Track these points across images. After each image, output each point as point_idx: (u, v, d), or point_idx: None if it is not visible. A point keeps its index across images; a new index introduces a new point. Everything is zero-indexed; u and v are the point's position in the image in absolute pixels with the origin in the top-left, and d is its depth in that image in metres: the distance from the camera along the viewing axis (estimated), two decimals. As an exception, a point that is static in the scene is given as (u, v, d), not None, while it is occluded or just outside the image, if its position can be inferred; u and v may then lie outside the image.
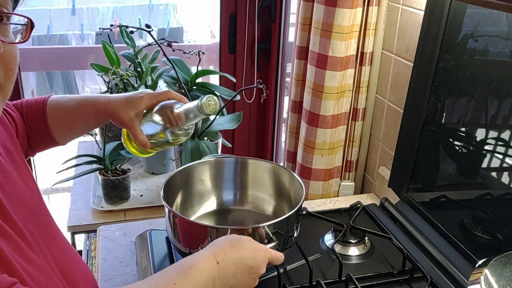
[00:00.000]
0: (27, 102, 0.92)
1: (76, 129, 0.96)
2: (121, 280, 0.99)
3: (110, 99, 0.90)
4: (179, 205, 1.03)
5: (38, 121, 0.91)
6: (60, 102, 0.92)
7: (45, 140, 0.93)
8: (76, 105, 0.92)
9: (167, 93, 0.90)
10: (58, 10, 2.58)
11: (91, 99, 0.91)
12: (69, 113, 0.92)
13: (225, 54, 1.90)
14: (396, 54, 1.23)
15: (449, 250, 1.00)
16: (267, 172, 1.06)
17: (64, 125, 0.93)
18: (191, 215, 1.05)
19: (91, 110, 0.91)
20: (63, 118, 0.92)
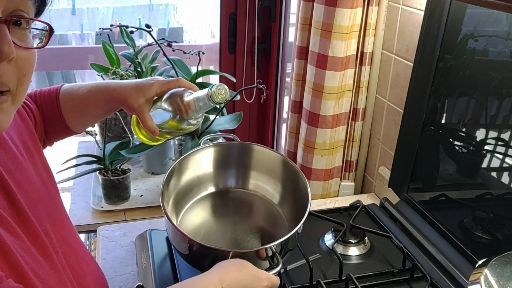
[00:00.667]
0: (41, 92, 0.92)
1: (89, 116, 0.95)
2: (121, 280, 0.99)
3: (120, 85, 0.89)
4: (176, 194, 0.99)
5: (52, 111, 0.90)
6: (72, 91, 0.92)
7: (60, 129, 0.92)
8: (87, 92, 0.91)
9: (177, 81, 0.89)
10: (58, 10, 2.58)
11: (102, 85, 0.91)
12: (81, 101, 0.92)
13: (225, 54, 1.90)
14: (396, 54, 1.23)
15: (449, 250, 1.00)
16: (273, 161, 1.02)
17: (77, 113, 0.93)
18: (190, 200, 1.02)
19: (102, 97, 0.91)
20: (75, 107, 0.92)
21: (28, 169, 0.73)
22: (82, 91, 0.92)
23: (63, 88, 0.93)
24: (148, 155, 1.69)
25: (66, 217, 0.81)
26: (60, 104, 0.91)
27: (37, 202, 0.72)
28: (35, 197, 0.72)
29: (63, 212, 0.81)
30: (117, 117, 1.70)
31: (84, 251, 0.81)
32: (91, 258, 0.83)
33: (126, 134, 1.67)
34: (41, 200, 0.73)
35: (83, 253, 0.80)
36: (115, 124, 1.72)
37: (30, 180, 0.73)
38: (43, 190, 0.75)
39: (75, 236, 0.80)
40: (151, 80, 0.88)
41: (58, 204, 0.80)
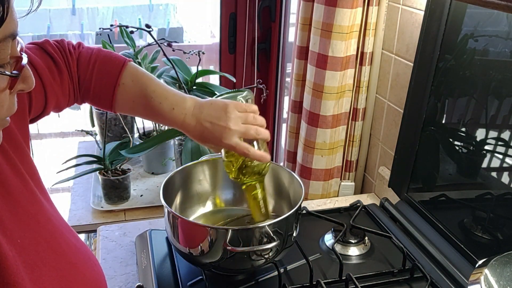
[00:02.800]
0: (99, 54, 0.86)
1: (139, 114, 0.93)
2: (121, 280, 0.99)
3: (184, 122, 0.87)
4: (178, 205, 1.03)
5: (107, 81, 0.85)
6: (137, 88, 0.87)
7: (100, 101, 0.87)
8: (148, 106, 0.87)
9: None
10: (58, 10, 2.57)
11: (163, 109, 0.86)
12: (137, 103, 0.88)
13: (225, 54, 1.90)
14: (396, 54, 1.23)
15: (449, 250, 1.00)
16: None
17: (129, 107, 0.89)
18: (190, 215, 1.05)
19: (161, 121, 0.92)
20: (130, 102, 0.88)
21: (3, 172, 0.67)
22: (144, 100, 0.87)
23: (129, 72, 0.86)
24: (148, 155, 1.69)
25: (52, 221, 0.73)
26: (120, 83, 0.85)
27: (15, 212, 0.66)
28: (12, 205, 0.66)
29: (49, 217, 0.73)
30: (117, 117, 1.70)
31: (77, 249, 0.74)
32: (86, 257, 0.76)
33: (126, 134, 1.67)
34: (21, 207, 0.67)
35: (74, 253, 0.73)
36: (115, 124, 1.72)
37: (6, 186, 0.66)
38: (23, 196, 0.69)
39: (64, 236, 0.73)
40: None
41: (41, 205, 0.72)
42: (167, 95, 0.87)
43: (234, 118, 0.85)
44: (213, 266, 0.89)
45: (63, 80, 0.81)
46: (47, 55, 0.80)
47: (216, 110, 0.86)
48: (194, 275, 0.95)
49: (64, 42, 0.84)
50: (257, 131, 0.87)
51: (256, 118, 0.88)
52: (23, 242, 0.64)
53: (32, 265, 0.64)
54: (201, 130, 0.86)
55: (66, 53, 0.82)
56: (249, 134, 0.86)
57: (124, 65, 0.86)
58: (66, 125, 2.46)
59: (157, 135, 1.60)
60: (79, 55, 0.85)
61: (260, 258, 0.87)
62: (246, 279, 0.95)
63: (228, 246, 0.82)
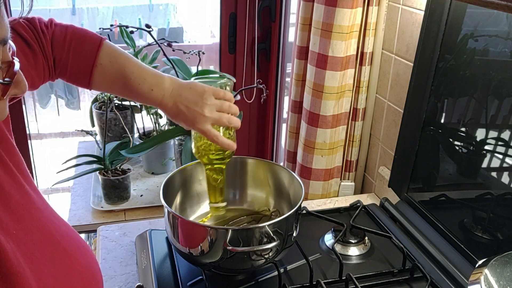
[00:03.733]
0: (74, 33, 0.85)
1: (116, 93, 0.95)
2: (121, 280, 0.99)
3: (161, 102, 0.89)
4: (178, 205, 1.03)
5: (84, 62, 0.85)
6: (112, 64, 0.87)
7: (77, 81, 0.88)
8: (126, 86, 0.88)
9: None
10: (58, 10, 2.57)
11: (142, 90, 0.88)
12: (115, 83, 0.89)
13: (225, 54, 1.90)
14: (396, 54, 1.23)
15: (449, 250, 1.00)
16: (266, 172, 1.06)
17: (107, 87, 0.90)
18: (190, 215, 1.05)
19: (139, 100, 0.93)
20: (108, 82, 0.89)
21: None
22: (121, 74, 0.87)
23: (106, 51, 0.86)
24: (148, 155, 1.69)
25: (41, 208, 0.72)
26: (97, 62, 0.85)
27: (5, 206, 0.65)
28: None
29: (37, 203, 0.72)
30: (117, 117, 1.70)
31: (70, 237, 0.74)
32: (79, 244, 0.75)
33: (126, 134, 1.67)
34: (11, 198, 0.67)
35: (67, 241, 0.73)
36: (115, 124, 1.72)
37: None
38: (13, 185, 0.68)
39: (56, 225, 0.73)
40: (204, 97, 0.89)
41: (30, 196, 0.71)
42: (145, 76, 0.89)
43: (209, 105, 0.88)
44: (213, 266, 0.89)
45: (38, 62, 0.81)
46: (19, 37, 0.79)
47: (193, 95, 0.88)
48: (194, 275, 0.95)
49: (35, 21, 0.83)
50: (229, 119, 0.90)
51: (230, 106, 0.91)
52: (18, 233, 0.64)
53: (30, 256, 0.64)
54: (177, 112, 0.89)
55: (38, 33, 0.81)
56: (222, 122, 0.90)
57: (100, 45, 0.86)
58: (66, 125, 2.46)
59: (157, 135, 1.60)
60: (52, 34, 0.84)
61: (260, 258, 0.87)
62: (246, 279, 0.95)
63: (228, 246, 0.82)
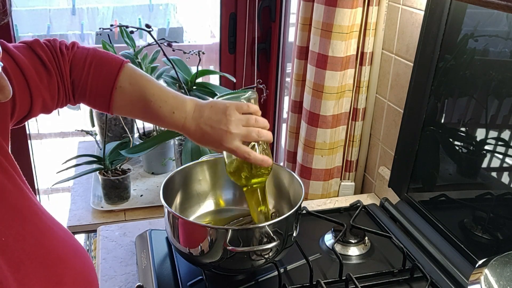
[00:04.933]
0: (95, 55, 0.83)
1: (137, 117, 0.92)
2: (121, 280, 0.99)
3: (184, 126, 0.86)
4: (178, 205, 1.03)
5: (104, 84, 0.83)
6: (133, 92, 0.85)
7: (96, 104, 0.85)
8: (147, 109, 0.85)
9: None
10: (58, 10, 2.58)
11: (163, 113, 0.85)
12: (136, 106, 0.85)
13: (225, 54, 1.90)
14: (396, 54, 1.23)
15: (449, 250, 1.00)
16: None
17: (127, 111, 0.88)
18: (190, 215, 1.05)
19: (161, 124, 0.90)
20: (128, 106, 0.86)
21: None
22: (142, 104, 0.84)
23: (126, 76, 0.83)
24: (148, 155, 1.69)
25: (38, 211, 0.71)
26: (114, 97, 0.83)
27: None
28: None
29: (34, 207, 0.71)
30: (117, 117, 1.70)
31: (65, 242, 0.73)
32: (75, 249, 0.74)
33: (126, 134, 1.67)
34: (5, 201, 0.66)
35: (62, 246, 0.72)
36: (115, 124, 1.72)
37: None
38: (9, 188, 0.68)
39: (51, 230, 0.72)
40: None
41: (28, 199, 0.71)
42: (166, 98, 0.85)
43: (234, 120, 0.84)
44: (213, 266, 0.89)
45: (52, 82, 0.78)
46: (35, 55, 0.77)
47: (216, 113, 0.84)
48: (194, 275, 0.95)
49: (56, 42, 0.81)
50: (259, 133, 0.85)
51: (257, 120, 0.86)
52: (8, 240, 0.63)
53: (18, 263, 0.63)
54: (201, 134, 0.85)
55: (57, 54, 0.80)
56: (251, 137, 0.85)
57: (122, 67, 0.83)
58: (66, 125, 2.46)
59: (157, 135, 1.60)
60: (73, 56, 0.82)
61: (260, 258, 0.87)
62: (246, 279, 0.95)
63: (228, 246, 0.82)
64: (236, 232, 0.84)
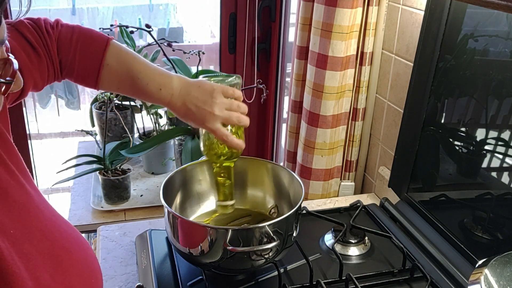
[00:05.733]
0: (80, 33, 0.84)
1: (124, 93, 0.93)
2: (121, 280, 0.99)
3: (170, 102, 0.88)
4: (178, 205, 1.03)
5: (91, 62, 0.84)
6: (120, 66, 0.86)
7: (84, 81, 0.87)
8: (134, 86, 0.87)
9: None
10: (58, 10, 2.57)
11: (150, 89, 0.87)
12: (123, 83, 0.87)
13: (225, 54, 1.90)
14: (396, 54, 1.23)
15: (449, 250, 1.00)
16: (266, 172, 1.06)
17: (114, 87, 0.89)
18: (190, 215, 1.05)
19: (147, 100, 0.91)
20: (115, 83, 0.87)
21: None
22: (128, 75, 0.86)
23: (112, 52, 0.85)
24: (148, 155, 1.69)
25: (40, 206, 0.72)
26: (104, 63, 0.84)
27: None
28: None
29: (36, 201, 0.72)
30: (117, 117, 1.70)
31: (69, 235, 0.74)
32: (78, 241, 0.75)
33: (126, 134, 1.67)
34: (9, 196, 0.67)
35: (66, 239, 0.72)
36: (115, 124, 1.72)
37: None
38: (11, 184, 0.68)
39: (54, 223, 0.73)
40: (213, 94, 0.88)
41: (29, 195, 0.71)
42: (153, 75, 0.87)
43: (219, 103, 0.87)
44: (213, 266, 0.89)
45: (41, 63, 0.80)
46: (22, 37, 0.78)
47: (203, 94, 0.88)
48: (194, 275, 0.95)
49: (41, 21, 0.82)
50: (239, 118, 0.90)
51: (239, 105, 0.90)
52: (16, 232, 0.64)
53: (27, 255, 0.64)
54: (186, 111, 0.89)
55: (43, 34, 0.80)
56: (231, 121, 0.89)
57: (107, 45, 0.85)
58: (66, 125, 2.46)
59: (157, 135, 1.60)
60: (59, 34, 0.83)
61: (260, 258, 0.87)
62: (246, 279, 0.95)
63: (228, 246, 0.82)
64: (236, 232, 0.84)
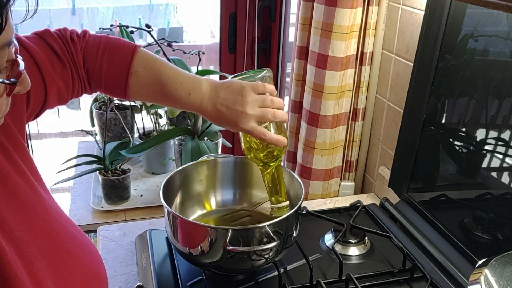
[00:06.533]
0: (107, 43, 0.83)
1: (155, 101, 0.92)
2: (121, 280, 0.99)
3: (201, 107, 0.86)
4: (178, 205, 1.03)
5: (119, 71, 0.83)
6: (147, 76, 0.85)
7: (113, 91, 0.86)
8: (163, 92, 0.85)
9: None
10: (58, 10, 2.57)
11: (180, 95, 0.85)
12: (152, 90, 0.86)
13: (225, 54, 1.90)
14: (396, 54, 1.23)
15: (449, 250, 1.00)
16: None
17: (144, 95, 0.87)
18: (190, 215, 1.05)
19: (178, 106, 0.89)
20: (144, 90, 0.86)
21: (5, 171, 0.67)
22: (157, 87, 0.85)
23: (140, 62, 0.84)
24: (148, 155, 1.69)
25: (50, 217, 0.72)
26: (130, 83, 0.83)
27: (17, 206, 0.66)
28: (14, 201, 0.66)
29: (46, 204, 0.72)
30: (117, 117, 1.70)
31: (75, 238, 0.74)
32: (84, 245, 0.75)
33: (126, 134, 1.67)
34: (18, 198, 0.67)
35: (72, 242, 0.72)
36: (115, 124, 1.72)
37: (8, 183, 0.66)
38: (21, 186, 0.69)
39: (62, 226, 0.73)
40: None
41: (40, 197, 0.71)
42: (182, 80, 0.85)
43: (250, 101, 0.84)
44: (213, 266, 0.89)
45: (65, 71, 0.79)
46: (47, 45, 0.77)
47: (232, 94, 0.85)
48: (194, 275, 0.95)
49: (67, 31, 0.81)
50: (274, 114, 0.86)
51: (273, 100, 0.87)
52: (21, 235, 0.64)
53: (31, 258, 0.64)
54: (218, 114, 0.86)
55: (68, 43, 0.80)
56: (266, 118, 0.86)
57: (135, 52, 0.84)
58: (66, 125, 2.46)
59: (157, 135, 1.60)
60: (85, 44, 0.82)
61: (260, 258, 0.87)
62: (246, 279, 0.95)
63: (228, 246, 0.82)
64: (236, 232, 0.84)
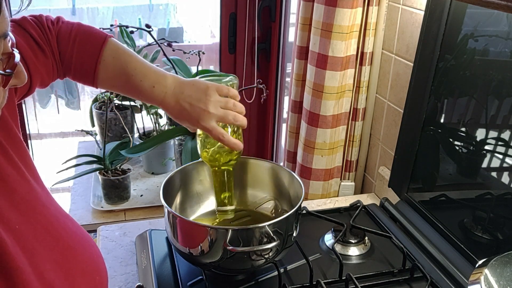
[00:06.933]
0: (79, 30, 0.84)
1: (120, 91, 0.92)
2: (121, 280, 0.99)
3: (163, 101, 0.87)
4: (178, 205, 1.03)
5: (88, 58, 0.84)
6: (116, 65, 0.86)
7: (82, 78, 0.87)
8: (128, 83, 0.86)
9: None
10: (58, 10, 2.57)
11: (144, 87, 0.86)
12: (118, 79, 0.87)
13: (225, 54, 1.90)
14: (396, 54, 1.23)
15: (449, 250, 1.00)
16: (266, 172, 1.06)
17: (110, 84, 0.89)
18: (190, 215, 1.05)
19: (141, 98, 0.90)
20: (111, 79, 0.87)
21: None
22: (124, 78, 0.86)
23: (109, 52, 0.85)
24: (148, 155, 1.69)
25: (47, 211, 0.72)
26: (99, 69, 0.84)
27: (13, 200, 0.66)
28: (17, 195, 0.67)
29: (42, 198, 0.73)
30: (117, 117, 1.70)
31: (73, 232, 0.74)
32: (83, 238, 0.75)
33: (126, 134, 1.67)
34: (16, 193, 0.67)
35: (71, 236, 0.73)
36: (115, 124, 1.72)
37: (2, 172, 0.67)
38: (18, 180, 0.69)
39: (60, 220, 0.73)
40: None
41: (35, 191, 0.72)
42: (147, 72, 0.87)
43: (214, 101, 0.86)
44: (213, 266, 0.89)
45: (46, 58, 0.80)
46: (26, 33, 0.79)
47: (197, 92, 0.86)
48: (194, 275, 0.95)
49: (43, 18, 0.83)
50: (235, 117, 0.88)
51: (235, 104, 0.89)
52: (21, 228, 0.65)
53: (31, 250, 0.64)
54: (180, 110, 0.87)
55: (45, 30, 0.81)
56: (227, 119, 0.87)
57: (105, 41, 0.85)
58: (66, 125, 2.46)
59: (157, 135, 1.60)
60: (58, 30, 0.83)
61: (260, 258, 0.87)
62: (246, 279, 0.95)
63: (228, 246, 0.82)
64: (236, 232, 0.84)
